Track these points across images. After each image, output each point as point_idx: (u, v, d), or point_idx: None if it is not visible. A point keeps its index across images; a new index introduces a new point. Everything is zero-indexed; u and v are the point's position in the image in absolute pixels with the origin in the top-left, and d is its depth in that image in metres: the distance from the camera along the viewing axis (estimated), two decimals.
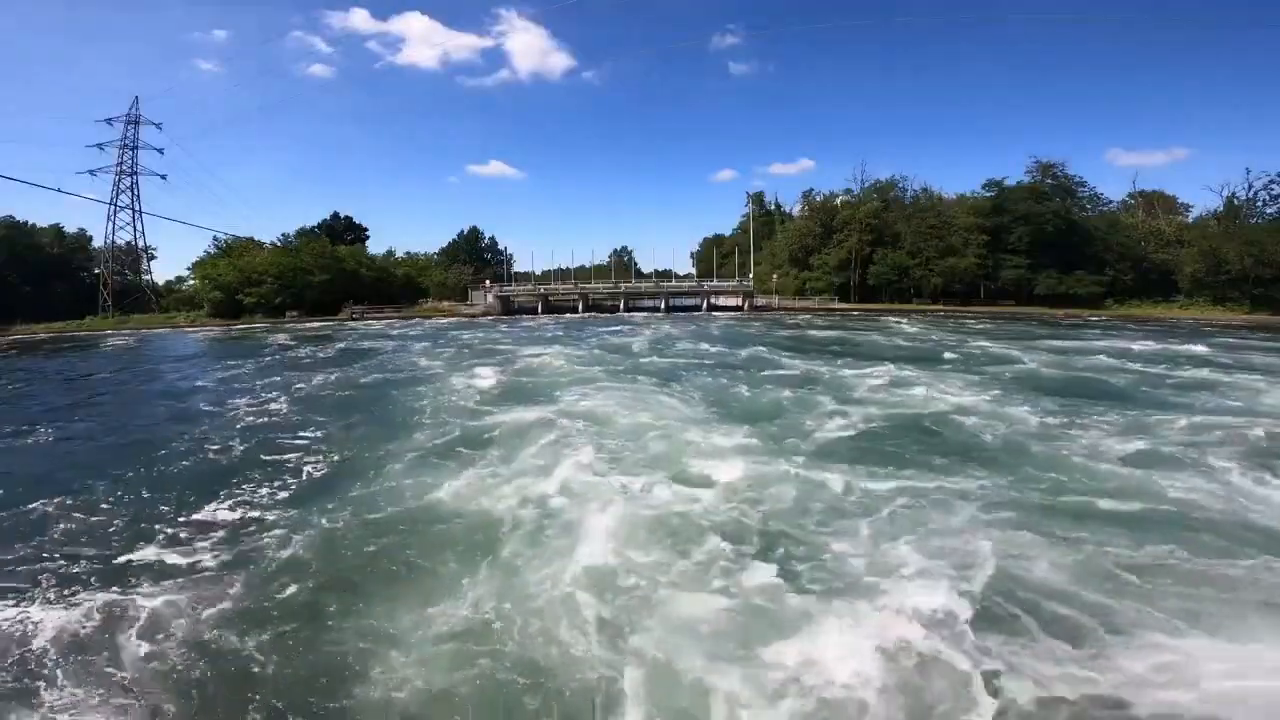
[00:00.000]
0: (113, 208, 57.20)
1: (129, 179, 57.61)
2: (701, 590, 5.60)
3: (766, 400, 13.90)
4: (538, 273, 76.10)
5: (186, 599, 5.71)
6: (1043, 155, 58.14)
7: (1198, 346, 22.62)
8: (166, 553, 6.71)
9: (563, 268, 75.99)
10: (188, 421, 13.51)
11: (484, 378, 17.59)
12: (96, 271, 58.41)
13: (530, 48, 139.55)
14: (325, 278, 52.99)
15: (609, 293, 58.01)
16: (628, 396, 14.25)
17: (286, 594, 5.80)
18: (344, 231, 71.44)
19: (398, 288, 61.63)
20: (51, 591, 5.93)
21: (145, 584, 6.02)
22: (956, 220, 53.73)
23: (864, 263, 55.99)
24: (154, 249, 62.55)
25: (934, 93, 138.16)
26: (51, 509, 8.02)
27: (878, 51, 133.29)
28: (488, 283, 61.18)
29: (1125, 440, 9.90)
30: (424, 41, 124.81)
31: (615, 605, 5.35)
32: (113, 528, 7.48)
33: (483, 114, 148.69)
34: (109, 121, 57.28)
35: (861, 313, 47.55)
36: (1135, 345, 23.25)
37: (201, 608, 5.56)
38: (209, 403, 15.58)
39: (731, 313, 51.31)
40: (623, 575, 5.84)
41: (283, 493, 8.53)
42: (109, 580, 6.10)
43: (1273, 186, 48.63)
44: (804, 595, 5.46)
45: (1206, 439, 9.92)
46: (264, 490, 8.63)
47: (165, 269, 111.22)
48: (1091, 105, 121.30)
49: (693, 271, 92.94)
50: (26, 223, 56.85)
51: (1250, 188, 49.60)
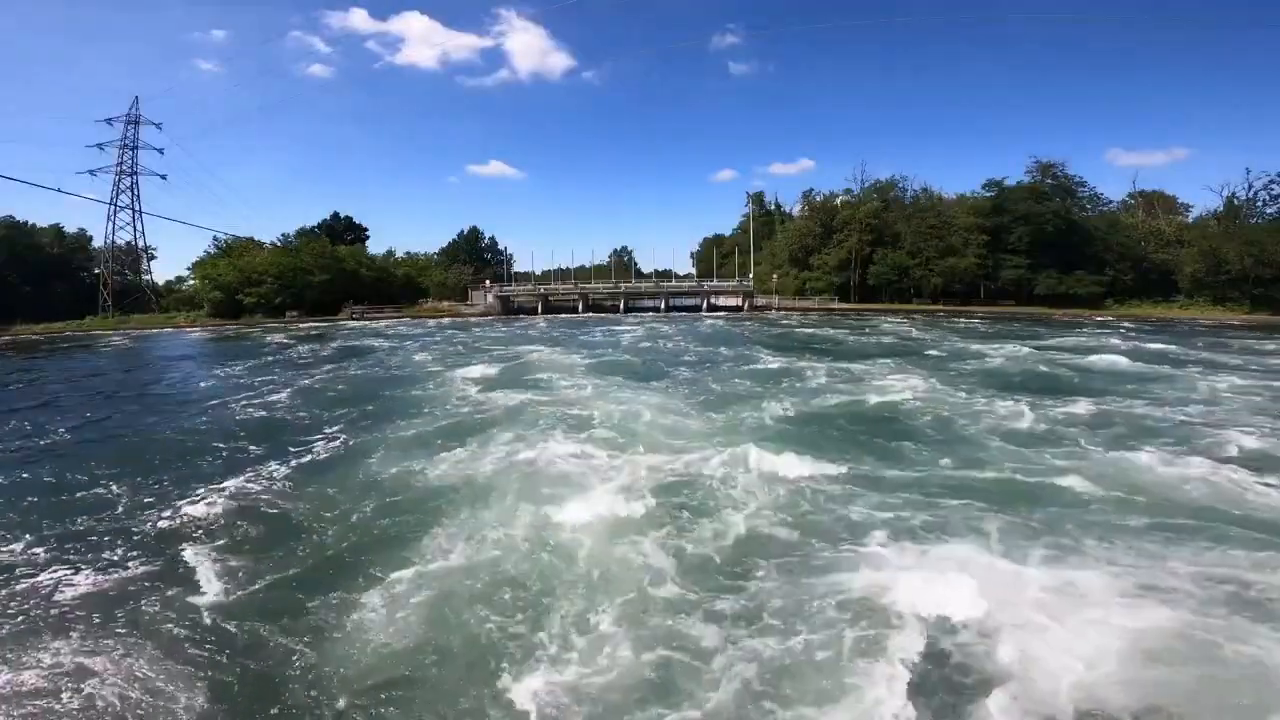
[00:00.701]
0: (113, 208, 57.28)
1: (129, 179, 57.68)
2: (640, 540, 6.51)
3: (732, 390, 14.87)
4: (538, 273, 76.31)
5: (199, 567, 6.18)
6: (1043, 155, 58.23)
7: (1157, 344, 24.01)
8: (182, 524, 7.28)
9: (563, 268, 76.17)
10: (190, 416, 13.72)
11: (477, 372, 18.49)
12: (96, 271, 58.42)
13: (530, 48, 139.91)
14: (325, 278, 53.00)
15: (609, 293, 58.01)
16: (608, 387, 15.24)
17: (288, 565, 6.25)
18: (344, 231, 71.45)
19: (398, 288, 61.63)
20: (74, 562, 6.36)
21: (163, 551, 6.59)
22: (956, 220, 53.73)
23: (864, 263, 55.99)
24: (154, 249, 62.63)
25: (934, 93, 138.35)
26: (62, 496, 8.32)
27: (878, 51, 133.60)
28: (488, 283, 61.19)
29: (1031, 423, 11.08)
30: (423, 41, 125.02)
31: (578, 556, 6.19)
32: (121, 510, 7.83)
33: (483, 114, 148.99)
34: (109, 121, 57.34)
35: (858, 313, 47.55)
36: (1108, 342, 24.54)
37: (213, 576, 6.00)
38: (210, 398, 15.76)
39: (727, 313, 51.32)
40: (581, 531, 6.74)
41: (286, 473, 9.11)
42: (130, 551, 6.57)
43: (1273, 186, 48.74)
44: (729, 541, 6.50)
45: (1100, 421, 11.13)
46: (269, 472, 9.12)
47: (165, 269, 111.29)
48: (1091, 105, 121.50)
49: (693, 271, 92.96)
50: (26, 223, 56.90)
51: (1250, 188, 49.73)
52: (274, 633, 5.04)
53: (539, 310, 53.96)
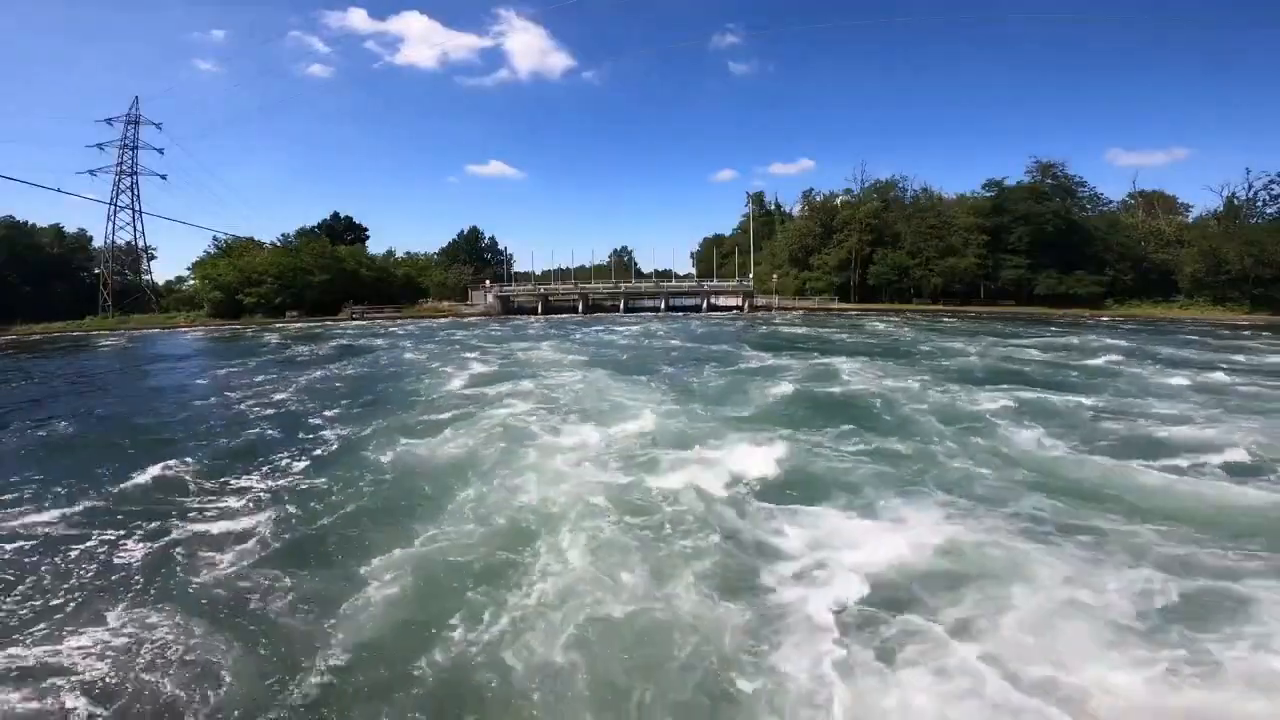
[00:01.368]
0: (113, 208, 57.24)
1: (129, 179, 57.63)
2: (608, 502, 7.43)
3: (706, 382, 16.04)
4: (538, 273, 76.19)
5: (210, 545, 6.66)
6: (1043, 155, 58.37)
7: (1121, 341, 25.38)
8: (199, 503, 7.91)
9: (563, 268, 76.08)
10: (192, 411, 14.04)
11: (474, 368, 19.58)
12: (96, 271, 58.39)
13: (530, 48, 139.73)
14: (325, 278, 52.98)
15: (609, 293, 57.99)
16: (595, 379, 16.33)
17: (296, 539, 6.81)
18: (344, 231, 71.44)
19: (398, 288, 61.62)
20: (94, 539, 6.87)
21: (181, 527, 7.11)
22: (956, 220, 53.73)
23: (864, 263, 55.99)
24: (154, 249, 62.59)
25: (934, 93, 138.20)
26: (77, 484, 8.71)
27: (878, 51, 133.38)
28: (488, 283, 61.17)
29: (960, 407, 12.22)
30: (423, 41, 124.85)
31: (551, 523, 6.89)
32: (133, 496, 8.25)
33: (482, 114, 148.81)
34: (109, 121, 57.30)
35: (857, 312, 47.53)
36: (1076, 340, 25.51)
37: (226, 551, 6.46)
38: (210, 395, 16.05)
39: (726, 313, 51.31)
40: (557, 497, 7.65)
41: (292, 461, 9.71)
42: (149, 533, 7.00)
43: (1273, 186, 48.78)
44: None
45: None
46: (276, 461, 9.70)
47: (165, 269, 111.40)
48: (1091, 105, 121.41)
49: (693, 271, 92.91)
50: (26, 223, 56.87)
51: (1250, 188, 49.76)
52: (283, 599, 5.50)
53: (539, 310, 53.92)
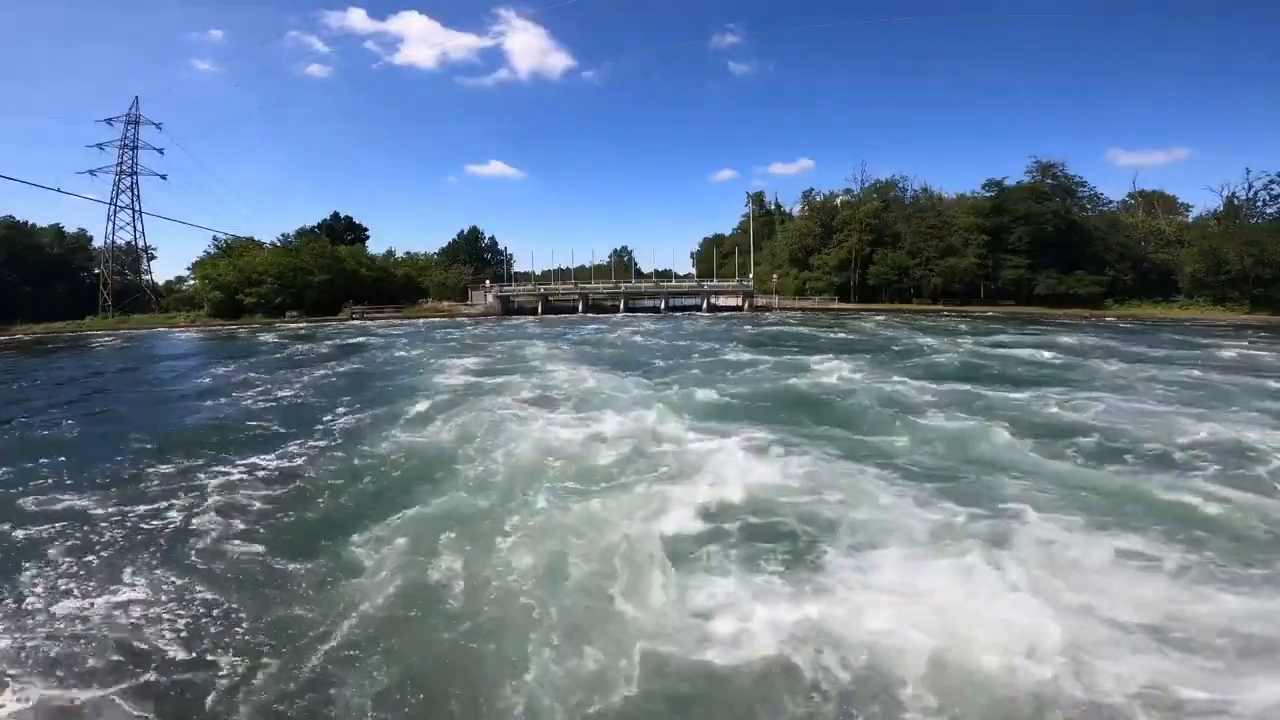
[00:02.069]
0: (113, 208, 57.33)
1: (129, 179, 57.74)
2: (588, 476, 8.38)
3: (689, 376, 17.05)
4: (538, 273, 76.11)
5: (225, 523, 7.16)
6: (1043, 155, 58.15)
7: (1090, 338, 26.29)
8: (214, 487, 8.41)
9: (563, 268, 76.02)
10: (192, 408, 14.35)
11: (471, 363, 20.52)
12: (96, 271, 58.44)
13: (529, 47, 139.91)
14: (325, 278, 53.00)
15: (609, 293, 57.97)
16: (585, 373, 17.36)
17: (302, 519, 7.37)
18: (344, 231, 71.44)
19: (398, 288, 61.64)
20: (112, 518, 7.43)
21: (193, 511, 7.54)
22: (956, 220, 53.70)
23: (864, 263, 55.97)
24: (154, 249, 62.66)
25: (934, 93, 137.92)
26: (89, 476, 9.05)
27: (878, 51, 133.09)
28: (488, 283, 61.17)
29: (919, 400, 12.97)
30: (422, 41, 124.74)
31: (545, 490, 7.78)
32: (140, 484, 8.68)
33: (482, 114, 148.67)
34: (109, 121, 57.43)
35: (854, 313, 47.52)
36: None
37: (233, 532, 6.94)
38: (211, 393, 16.27)
39: (727, 313, 51.30)
40: (538, 472, 8.53)
41: (298, 449, 10.34)
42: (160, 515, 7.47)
43: (1273, 186, 48.69)
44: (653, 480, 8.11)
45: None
46: (283, 450, 10.31)
47: (165, 269, 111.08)
48: (1091, 105, 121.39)
49: (693, 271, 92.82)
50: (26, 223, 56.89)
51: (1250, 188, 49.66)
52: (290, 574, 5.98)
53: (539, 310, 53.91)
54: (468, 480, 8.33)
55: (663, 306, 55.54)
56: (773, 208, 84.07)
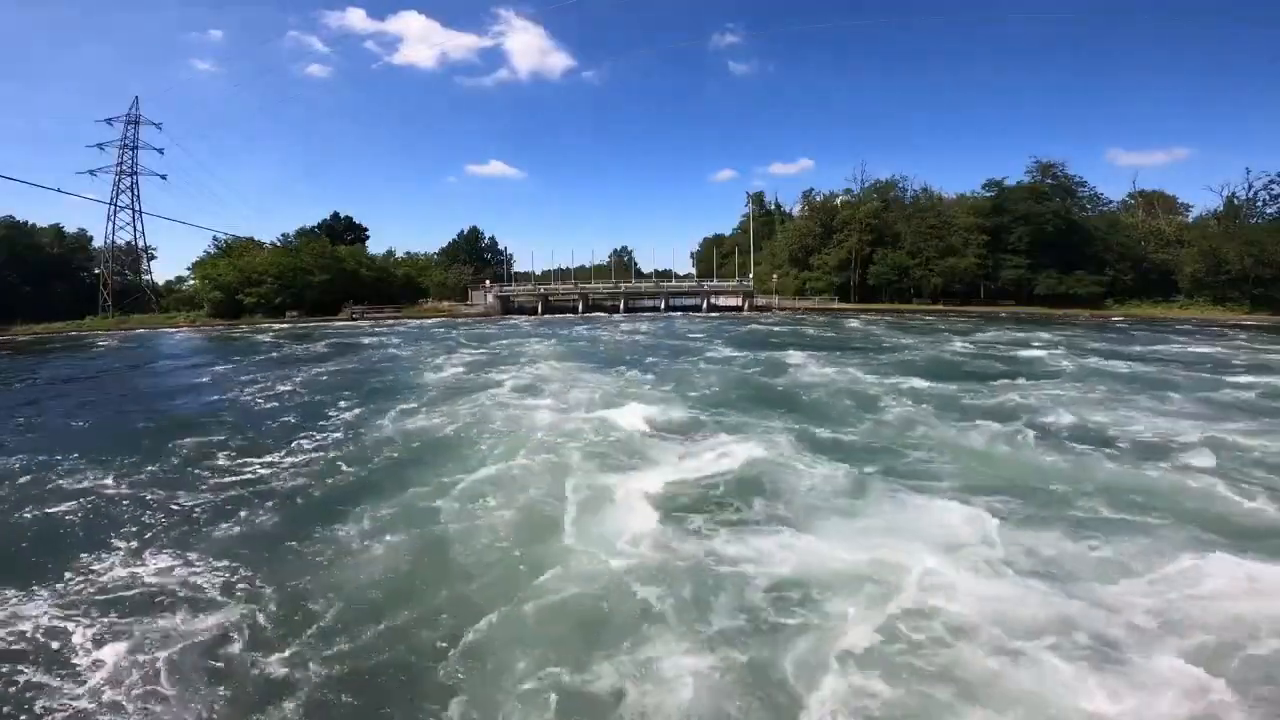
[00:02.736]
0: (113, 208, 57.24)
1: (129, 179, 57.63)
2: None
3: (670, 370, 18.60)
4: (538, 273, 76.16)
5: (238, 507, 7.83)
6: (1043, 155, 58.15)
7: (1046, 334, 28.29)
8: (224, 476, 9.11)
9: (563, 268, 76.04)
10: (194, 405, 14.98)
11: (468, 361, 21.85)
12: (96, 271, 58.37)
13: (529, 47, 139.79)
14: (325, 278, 52.96)
15: (609, 293, 57.94)
16: (573, 369, 18.83)
17: (312, 501, 8.10)
18: (344, 231, 71.39)
19: (398, 288, 61.59)
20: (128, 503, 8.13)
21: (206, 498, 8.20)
22: (956, 220, 53.70)
23: (864, 263, 55.97)
24: (154, 249, 62.55)
25: (934, 93, 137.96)
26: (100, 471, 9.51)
27: (878, 51, 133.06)
28: (488, 283, 61.16)
29: (878, 392, 13.98)
30: (422, 41, 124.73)
31: (522, 480, 8.60)
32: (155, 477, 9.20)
33: (482, 114, 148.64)
34: (109, 121, 57.30)
35: (855, 311, 47.56)
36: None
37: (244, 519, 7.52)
38: (212, 391, 16.79)
39: (726, 313, 51.28)
40: (518, 444, 10.03)
41: (303, 440, 11.16)
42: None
43: (1273, 186, 48.72)
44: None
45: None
46: (281, 437, 11.30)
47: (165, 269, 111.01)
48: (1091, 105, 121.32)
49: (693, 271, 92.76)
50: (26, 223, 56.81)
51: (1250, 188, 49.69)
52: (295, 546, 6.65)
53: (539, 310, 53.88)
54: (459, 461, 9.37)
55: (663, 306, 55.51)
56: (773, 208, 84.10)
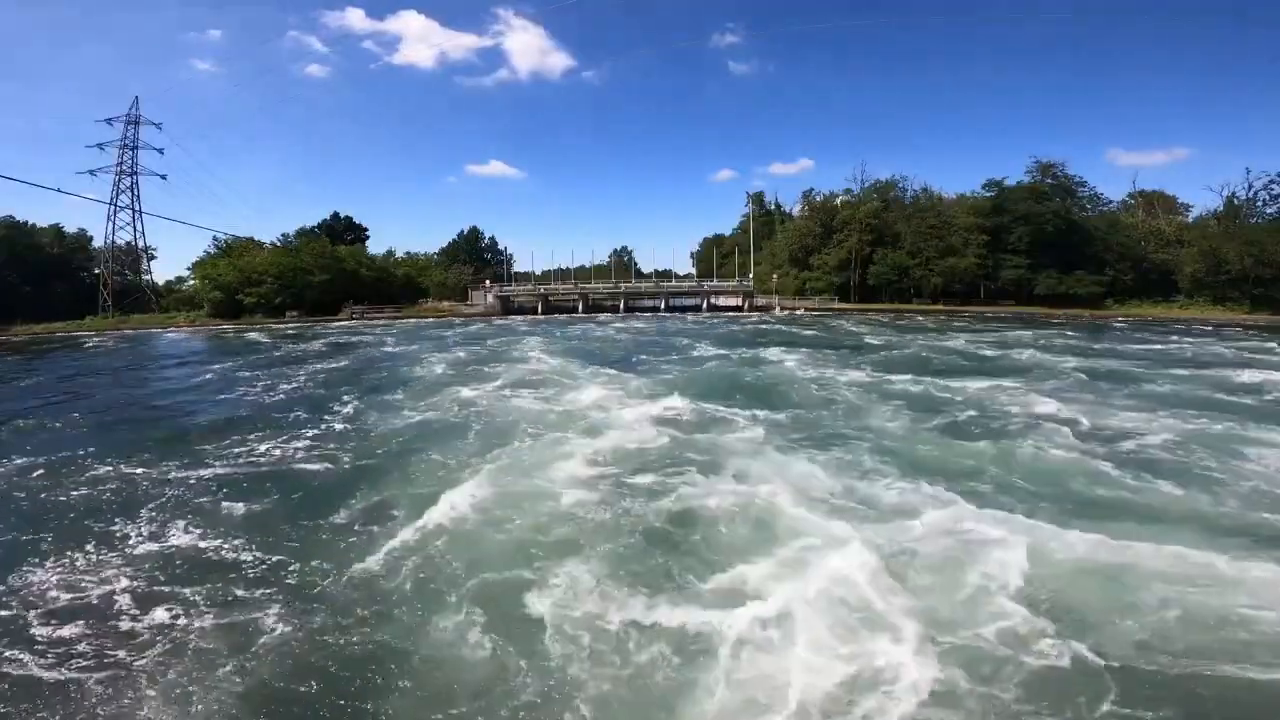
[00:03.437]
0: (113, 208, 57.21)
1: (129, 179, 57.60)
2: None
3: (652, 365, 19.91)
4: (538, 273, 76.17)
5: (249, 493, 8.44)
6: (1043, 155, 58.10)
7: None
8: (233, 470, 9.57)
9: (563, 268, 76.07)
10: (196, 401, 15.34)
11: (466, 358, 22.89)
12: (96, 271, 58.36)
13: (529, 47, 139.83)
14: (325, 278, 52.96)
15: (609, 293, 57.94)
16: (564, 364, 19.85)
17: (318, 488, 8.69)
18: (344, 231, 71.38)
19: (398, 288, 61.58)
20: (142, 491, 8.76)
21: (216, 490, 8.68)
22: (956, 220, 53.67)
23: (864, 263, 55.95)
24: (154, 249, 62.57)
25: (934, 93, 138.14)
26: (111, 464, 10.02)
27: (878, 51, 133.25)
28: (488, 283, 61.15)
29: (852, 387, 14.88)
30: (421, 41, 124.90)
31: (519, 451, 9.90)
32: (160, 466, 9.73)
33: (482, 114, 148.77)
34: (109, 121, 57.28)
35: (853, 311, 47.57)
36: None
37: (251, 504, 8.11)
38: (214, 388, 16.97)
39: (725, 313, 51.27)
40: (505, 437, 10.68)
41: (309, 430, 12.01)
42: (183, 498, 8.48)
43: (1273, 186, 48.65)
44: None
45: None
46: (284, 429, 12.05)
47: (165, 269, 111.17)
48: (1091, 105, 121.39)
49: (693, 271, 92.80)
50: (26, 223, 56.80)
51: (1250, 188, 49.61)
52: (299, 525, 7.29)
53: (539, 310, 53.89)
54: (453, 445, 10.39)
55: (663, 307, 55.50)
56: (773, 208, 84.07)
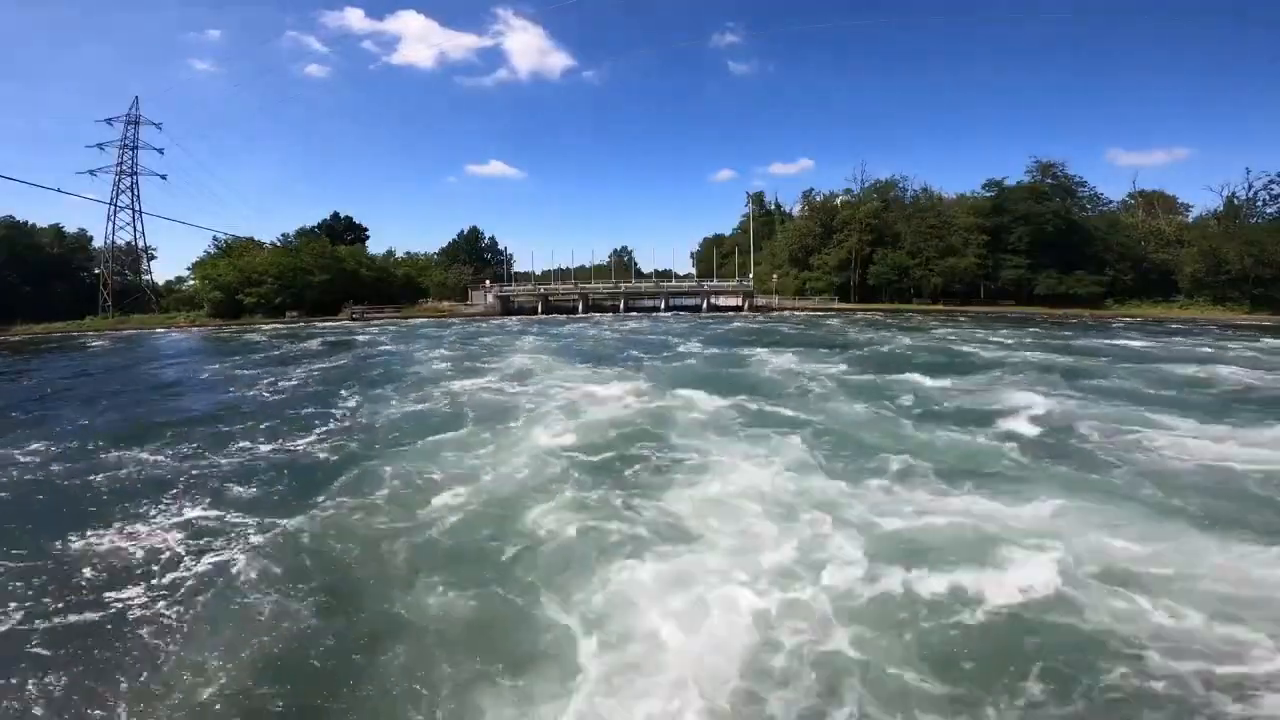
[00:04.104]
0: (113, 208, 57.21)
1: (129, 179, 57.60)
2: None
3: (631, 360, 20.97)
4: (538, 273, 76.17)
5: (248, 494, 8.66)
6: (1043, 155, 58.11)
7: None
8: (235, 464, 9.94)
9: (563, 268, 76.04)
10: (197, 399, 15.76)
11: (463, 355, 23.70)
12: (96, 271, 58.35)
13: (528, 47, 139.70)
14: (325, 278, 52.95)
15: (609, 293, 57.91)
16: (555, 361, 20.77)
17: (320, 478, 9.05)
18: (344, 231, 71.35)
19: (398, 288, 61.57)
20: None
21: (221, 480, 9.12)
22: (956, 220, 53.67)
23: (864, 263, 55.94)
24: (154, 249, 62.56)
25: (934, 93, 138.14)
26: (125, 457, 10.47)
27: (878, 51, 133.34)
28: (488, 283, 61.13)
29: (823, 380, 15.63)
30: (421, 41, 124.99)
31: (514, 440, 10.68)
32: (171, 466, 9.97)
33: (482, 114, 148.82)
34: (109, 121, 57.29)
35: (852, 311, 47.55)
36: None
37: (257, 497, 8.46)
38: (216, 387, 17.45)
39: (723, 312, 51.27)
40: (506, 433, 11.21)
41: (313, 422, 12.63)
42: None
43: (1273, 186, 48.62)
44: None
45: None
46: (297, 425, 12.45)
47: (165, 269, 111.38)
48: (1091, 105, 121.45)
49: (693, 271, 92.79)
50: (26, 223, 56.79)
51: (1250, 188, 49.59)
52: (301, 507, 7.82)
53: (539, 310, 53.88)
54: (443, 429, 11.34)
55: (663, 307, 55.46)
56: (773, 208, 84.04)
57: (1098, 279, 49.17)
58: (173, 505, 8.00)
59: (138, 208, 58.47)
